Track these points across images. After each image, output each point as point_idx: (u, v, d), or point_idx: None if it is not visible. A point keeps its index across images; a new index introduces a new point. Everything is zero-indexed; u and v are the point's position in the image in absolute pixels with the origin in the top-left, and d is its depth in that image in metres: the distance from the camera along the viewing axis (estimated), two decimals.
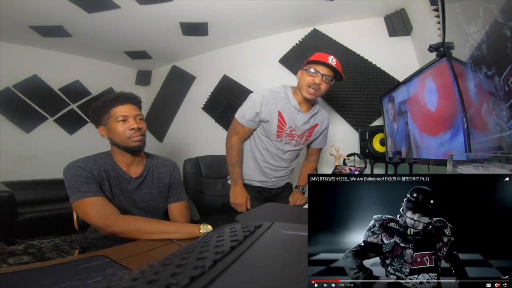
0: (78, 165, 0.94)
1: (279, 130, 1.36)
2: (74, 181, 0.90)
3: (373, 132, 1.93)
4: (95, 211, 0.88)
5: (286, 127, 1.36)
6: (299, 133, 1.40)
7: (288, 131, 1.37)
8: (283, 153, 1.44)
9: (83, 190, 0.89)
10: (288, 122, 1.36)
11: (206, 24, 2.59)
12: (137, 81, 3.93)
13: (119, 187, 1.00)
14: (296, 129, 1.39)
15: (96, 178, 0.94)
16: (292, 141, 1.41)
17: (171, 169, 1.14)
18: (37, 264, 0.62)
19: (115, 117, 0.98)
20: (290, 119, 1.36)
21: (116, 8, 2.25)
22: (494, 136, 0.80)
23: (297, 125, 1.38)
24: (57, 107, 3.22)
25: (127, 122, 0.98)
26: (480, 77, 0.85)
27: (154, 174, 1.09)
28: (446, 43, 1.08)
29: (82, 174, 0.92)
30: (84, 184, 0.90)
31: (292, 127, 1.37)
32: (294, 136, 1.40)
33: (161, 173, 1.11)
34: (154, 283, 0.16)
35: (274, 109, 1.34)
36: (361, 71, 2.34)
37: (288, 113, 1.36)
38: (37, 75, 3.06)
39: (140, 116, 1.02)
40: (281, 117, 1.34)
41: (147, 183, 1.06)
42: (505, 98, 0.73)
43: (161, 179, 1.10)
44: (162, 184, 1.10)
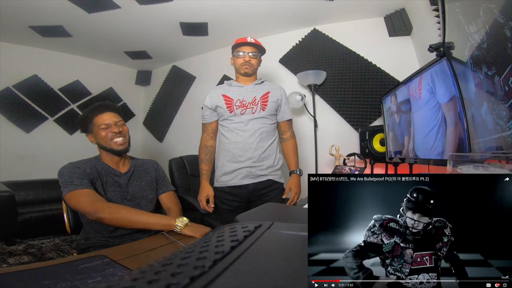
0: (73, 165, 1.06)
1: (228, 105, 1.48)
2: (68, 177, 1.01)
3: (373, 132, 1.93)
4: (85, 199, 0.98)
5: (234, 101, 1.48)
6: (249, 100, 1.48)
7: (238, 103, 1.48)
8: (245, 124, 1.46)
9: (75, 183, 1.00)
10: (234, 97, 1.49)
11: (206, 24, 2.59)
12: (137, 81, 3.93)
13: (112, 183, 1.12)
14: (245, 99, 1.48)
15: (89, 175, 1.06)
16: (247, 110, 1.47)
17: (154, 165, 1.30)
18: (37, 264, 0.62)
19: (97, 124, 1.12)
20: (235, 94, 1.50)
21: (116, 8, 2.25)
22: (494, 136, 0.80)
23: (244, 96, 1.49)
24: (57, 107, 3.22)
25: (109, 127, 1.12)
26: (480, 77, 0.85)
27: (140, 170, 1.24)
28: (446, 43, 1.08)
29: (76, 171, 1.03)
30: (77, 178, 1.01)
31: (240, 99, 1.48)
32: (247, 105, 1.48)
33: (147, 168, 1.26)
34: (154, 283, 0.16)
35: (218, 94, 1.50)
36: (361, 71, 2.34)
37: (232, 92, 1.51)
38: (37, 75, 3.06)
39: (121, 122, 1.17)
40: (225, 97, 1.49)
41: (135, 176, 1.20)
42: (505, 98, 0.73)
43: (148, 173, 1.25)
44: (149, 177, 1.25)
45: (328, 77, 2.42)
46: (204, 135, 1.56)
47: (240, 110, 1.46)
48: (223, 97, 1.49)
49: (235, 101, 1.48)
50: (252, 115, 1.47)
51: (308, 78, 2.30)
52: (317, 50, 2.55)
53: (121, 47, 3.12)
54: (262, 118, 1.48)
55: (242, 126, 1.46)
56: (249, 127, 1.45)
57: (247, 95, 1.49)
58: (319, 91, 2.49)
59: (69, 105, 3.31)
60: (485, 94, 0.84)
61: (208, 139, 1.55)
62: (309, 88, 2.37)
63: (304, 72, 2.30)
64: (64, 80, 3.27)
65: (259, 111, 1.48)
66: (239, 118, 1.47)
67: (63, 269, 0.60)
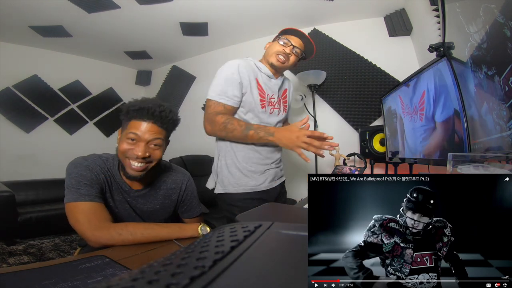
0: (86, 164, 0.84)
1: (262, 99, 1.18)
2: (76, 181, 0.80)
3: (373, 132, 1.93)
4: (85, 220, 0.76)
5: (265, 94, 1.20)
6: (276, 100, 1.26)
7: (268, 98, 1.21)
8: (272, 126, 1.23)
9: (81, 193, 0.79)
10: (266, 89, 1.21)
11: (206, 24, 2.59)
12: (137, 81, 3.93)
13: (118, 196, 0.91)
14: (274, 96, 1.24)
15: (101, 183, 0.84)
16: (274, 110, 1.24)
17: (182, 186, 1.01)
18: (37, 264, 0.62)
19: (128, 129, 0.83)
20: (266, 86, 1.21)
21: (116, 8, 2.25)
22: (494, 136, 0.80)
23: (273, 92, 1.24)
24: (57, 107, 3.22)
25: (136, 144, 0.82)
26: (480, 77, 0.85)
27: (160, 190, 0.97)
28: (446, 43, 1.08)
29: (87, 175, 0.82)
30: (85, 186, 0.80)
31: (269, 94, 1.22)
32: (275, 104, 1.24)
33: (170, 189, 0.99)
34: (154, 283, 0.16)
35: (252, 76, 1.17)
36: (361, 71, 2.34)
37: (262, 80, 1.21)
38: (37, 75, 3.06)
39: (157, 141, 0.84)
40: (258, 84, 1.19)
41: (149, 197, 0.95)
42: (505, 98, 0.73)
43: (168, 195, 0.98)
44: (168, 201, 0.99)
45: (328, 77, 2.42)
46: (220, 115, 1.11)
47: (269, 108, 1.21)
48: (257, 84, 1.17)
49: (266, 95, 1.20)
50: (277, 117, 1.26)
51: (308, 78, 2.30)
52: (317, 50, 2.54)
53: (121, 47, 3.12)
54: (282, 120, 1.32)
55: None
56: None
57: (275, 91, 1.24)
58: (319, 91, 2.49)
59: (69, 105, 3.31)
60: (485, 94, 0.84)
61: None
62: (309, 88, 2.37)
63: (304, 72, 2.30)
64: (64, 80, 3.27)
65: (283, 113, 1.30)
66: (267, 117, 1.21)
67: (63, 269, 0.60)
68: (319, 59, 2.53)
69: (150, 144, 0.84)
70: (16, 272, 0.57)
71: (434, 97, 1.10)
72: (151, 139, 0.83)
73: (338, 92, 2.44)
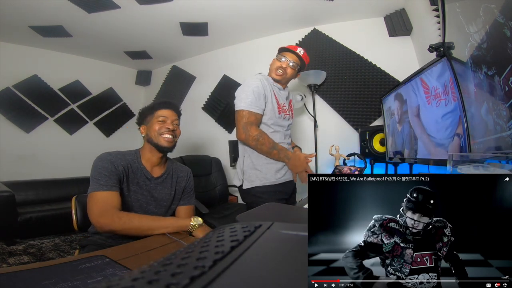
0: (110, 158, 1.02)
1: (278, 107, 1.43)
2: (97, 172, 0.96)
3: (373, 132, 1.93)
4: (97, 207, 0.92)
5: (280, 103, 1.45)
6: (287, 107, 1.51)
7: (281, 106, 1.46)
8: (286, 129, 1.49)
9: (101, 183, 0.95)
10: (279, 99, 1.46)
11: (206, 24, 2.59)
12: (137, 81, 3.93)
13: (140, 185, 1.08)
14: (285, 104, 1.49)
15: (119, 173, 1.01)
16: (286, 116, 1.49)
17: (188, 175, 1.25)
18: (37, 264, 0.62)
19: (156, 116, 1.14)
20: (279, 96, 1.46)
21: (116, 8, 2.26)
22: (494, 136, 0.80)
23: (284, 101, 1.49)
24: (57, 107, 3.22)
25: (165, 123, 1.13)
26: (480, 77, 0.85)
27: (173, 177, 1.19)
28: (446, 43, 1.08)
29: (108, 167, 0.98)
30: (105, 177, 0.96)
31: (281, 103, 1.46)
32: (286, 111, 1.49)
33: (180, 177, 1.21)
34: (154, 283, 0.16)
35: (269, 89, 1.41)
36: (361, 71, 2.34)
37: (276, 92, 1.46)
38: (37, 75, 3.06)
39: (177, 122, 1.18)
40: (275, 95, 1.44)
41: (166, 184, 1.16)
42: (505, 98, 0.73)
43: (179, 182, 1.20)
44: (178, 187, 1.20)
45: (328, 77, 2.42)
46: (254, 127, 1.33)
47: (283, 114, 1.45)
48: (274, 95, 1.42)
49: (281, 104, 1.45)
50: (288, 121, 1.50)
51: (308, 78, 2.30)
52: (317, 50, 2.55)
53: (121, 47, 3.13)
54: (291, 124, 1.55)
55: (283, 130, 1.48)
56: (287, 132, 1.52)
57: (285, 100, 1.50)
58: (319, 91, 2.49)
59: (69, 105, 3.31)
60: (485, 94, 0.84)
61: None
62: (309, 88, 2.37)
63: (304, 72, 2.30)
64: (64, 80, 3.27)
65: (291, 118, 1.55)
66: (281, 121, 1.45)
67: (63, 269, 0.60)
68: (319, 59, 2.53)
69: (173, 122, 1.15)
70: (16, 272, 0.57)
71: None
72: (173, 119, 1.16)
73: (338, 92, 2.44)
